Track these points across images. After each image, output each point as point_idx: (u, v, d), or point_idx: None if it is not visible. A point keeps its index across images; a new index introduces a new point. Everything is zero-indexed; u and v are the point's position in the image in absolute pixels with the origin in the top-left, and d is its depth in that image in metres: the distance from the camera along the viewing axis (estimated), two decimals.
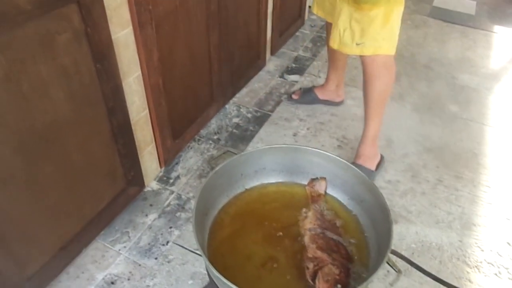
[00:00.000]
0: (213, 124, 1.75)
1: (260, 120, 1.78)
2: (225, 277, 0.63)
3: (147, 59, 1.22)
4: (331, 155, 0.88)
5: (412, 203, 1.45)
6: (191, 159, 1.58)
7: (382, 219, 0.74)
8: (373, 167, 1.50)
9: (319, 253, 0.72)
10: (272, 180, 0.90)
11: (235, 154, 0.86)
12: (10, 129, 0.87)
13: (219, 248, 0.80)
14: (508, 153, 1.69)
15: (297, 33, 2.46)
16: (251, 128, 1.74)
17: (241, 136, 1.69)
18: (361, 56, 1.33)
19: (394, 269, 0.71)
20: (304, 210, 0.84)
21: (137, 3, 1.11)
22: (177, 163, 1.56)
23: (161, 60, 1.29)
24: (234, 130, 1.72)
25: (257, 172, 0.89)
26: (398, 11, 1.24)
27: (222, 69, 1.68)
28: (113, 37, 1.07)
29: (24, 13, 0.82)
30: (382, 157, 1.54)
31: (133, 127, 1.26)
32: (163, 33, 1.26)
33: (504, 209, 1.45)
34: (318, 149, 0.87)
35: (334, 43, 1.33)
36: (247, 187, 0.90)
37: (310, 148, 0.89)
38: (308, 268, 0.72)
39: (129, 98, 1.21)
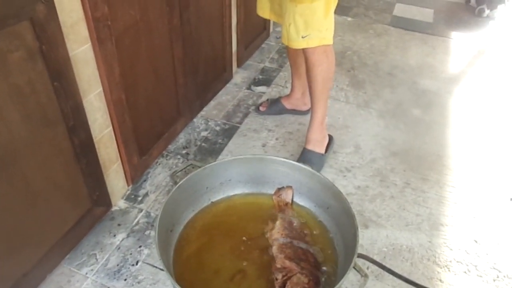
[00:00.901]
0: (181, 138, 1.73)
1: (228, 132, 1.78)
2: None
3: (108, 75, 1.20)
4: (296, 163, 0.88)
5: (381, 207, 1.47)
6: (160, 175, 1.55)
7: (348, 225, 0.74)
8: (322, 151, 1.59)
9: (287, 263, 0.71)
10: (238, 191, 0.89)
11: (199, 167, 0.84)
12: None
13: (187, 264, 0.78)
14: (470, 153, 1.74)
15: (263, 45, 2.49)
16: (220, 141, 1.73)
17: (210, 150, 1.68)
18: (303, 48, 1.39)
19: (360, 274, 0.71)
20: (271, 220, 0.83)
21: (95, 19, 1.09)
22: (145, 180, 1.52)
23: (123, 75, 1.27)
24: (203, 144, 1.71)
25: (222, 184, 0.88)
26: (335, 2, 1.35)
27: (188, 83, 1.67)
28: (70, 54, 1.04)
29: None
30: (330, 138, 1.64)
31: (96, 145, 1.23)
32: (124, 48, 1.24)
33: (470, 208, 1.49)
34: (283, 157, 0.87)
35: (284, 39, 1.40)
36: (213, 200, 0.89)
37: (275, 157, 0.89)
38: (277, 279, 0.71)
39: (90, 116, 1.18)
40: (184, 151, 1.67)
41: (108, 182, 1.33)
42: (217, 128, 1.80)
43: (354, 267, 0.67)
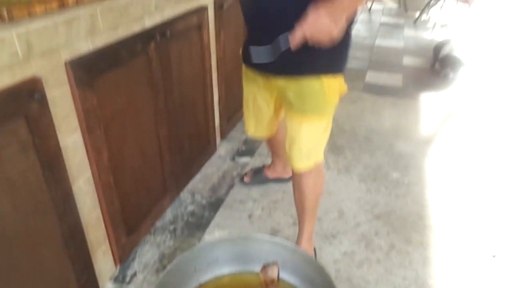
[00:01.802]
0: (168, 214, 1.75)
1: (215, 205, 1.81)
2: None
3: (97, 160, 1.25)
4: (279, 240, 0.92)
5: (369, 272, 1.48)
6: (148, 253, 1.55)
7: None
8: None
9: None
10: (226, 270, 0.92)
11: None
12: None
13: None
14: (449, 212, 1.80)
15: (243, 119, 2.60)
16: (206, 214, 1.76)
17: (198, 224, 1.70)
18: (303, 174, 1.34)
19: None
20: None
21: (85, 110, 1.16)
22: (133, 259, 1.52)
23: (111, 159, 1.32)
24: (190, 219, 1.73)
25: (210, 264, 0.91)
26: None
27: (174, 160, 1.73)
28: (61, 144, 1.10)
29: None
30: (314, 249, 1.53)
31: (84, 229, 1.25)
32: (112, 133, 1.31)
33: (454, 267, 1.52)
34: (266, 235, 0.91)
35: (294, 162, 1.33)
36: (201, 281, 0.90)
37: (259, 236, 0.93)
38: None
39: (80, 200, 1.21)
40: (171, 227, 1.68)
41: (95, 264, 1.33)
42: (203, 201, 1.84)
43: None
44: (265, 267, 0.92)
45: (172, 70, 1.60)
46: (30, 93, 0.97)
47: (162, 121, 1.60)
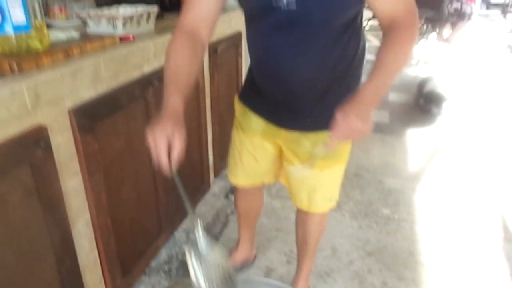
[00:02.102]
0: (163, 253, 1.76)
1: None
2: None
3: (96, 203, 1.27)
4: (276, 283, 0.96)
5: None
6: None
7: None
8: None
9: None
10: None
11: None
12: None
13: None
14: (439, 248, 1.84)
15: None
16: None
17: None
18: (311, 213, 1.35)
19: None
20: None
21: (86, 154, 1.20)
22: None
23: (110, 201, 1.35)
24: (184, 258, 1.74)
25: None
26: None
27: (169, 199, 1.76)
28: (62, 188, 1.13)
29: None
30: None
31: (82, 272, 1.26)
32: (110, 176, 1.34)
33: None
34: (263, 278, 0.95)
35: (302, 205, 1.33)
36: None
37: (257, 279, 0.96)
38: None
39: (78, 243, 1.23)
40: (166, 267, 1.69)
41: None
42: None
43: None
44: None
45: None
46: (36, 141, 1.01)
47: None
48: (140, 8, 1.56)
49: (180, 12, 1.06)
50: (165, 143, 0.88)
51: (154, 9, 1.59)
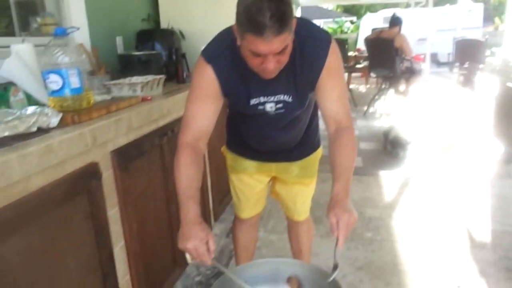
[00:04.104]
0: (179, 285, 1.96)
1: (219, 274, 2.04)
2: None
3: (129, 231, 1.53)
4: (293, 261, 1.24)
5: None
6: None
7: None
8: None
9: None
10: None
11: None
12: None
13: None
14: (418, 257, 2.13)
15: (231, 202, 2.93)
16: (213, 282, 1.98)
17: None
18: (301, 221, 1.71)
19: None
20: None
21: (122, 188, 1.48)
22: None
23: (138, 231, 1.60)
24: (199, 287, 1.95)
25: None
26: None
27: None
28: (107, 214, 1.39)
29: (54, 201, 1.15)
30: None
31: None
32: (138, 209, 1.61)
33: None
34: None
35: (294, 216, 1.69)
36: None
37: (280, 259, 1.24)
38: None
39: (116, 266, 1.46)
40: None
41: None
42: (208, 272, 2.07)
43: None
44: (289, 279, 1.20)
45: None
46: (92, 174, 1.30)
47: (172, 201, 1.91)
48: (150, 77, 1.94)
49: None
50: (205, 247, 1.10)
51: (162, 76, 1.97)
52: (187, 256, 1.14)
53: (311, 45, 1.18)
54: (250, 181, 1.63)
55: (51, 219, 1.13)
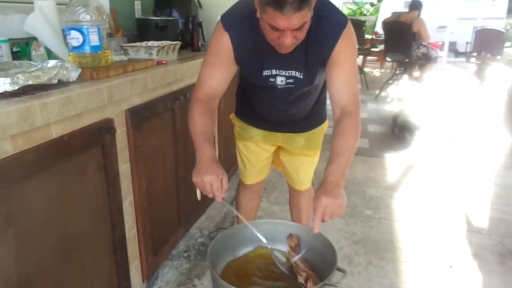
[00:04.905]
0: (182, 245, 2.06)
1: None
2: None
3: (138, 187, 1.60)
4: (293, 223, 1.32)
5: (353, 281, 1.82)
6: (168, 274, 1.84)
7: (329, 252, 1.15)
8: None
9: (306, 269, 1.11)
10: (253, 247, 1.27)
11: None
12: (52, 234, 1.17)
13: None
14: (414, 236, 2.19)
15: (237, 171, 3.00)
16: None
17: None
18: (303, 191, 1.77)
19: (340, 270, 1.13)
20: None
21: (134, 146, 1.55)
22: (156, 279, 1.80)
23: (147, 188, 1.68)
24: (201, 248, 2.05)
25: (241, 242, 1.26)
26: None
27: (187, 199, 2.08)
28: (119, 169, 1.47)
29: (72, 150, 1.22)
30: None
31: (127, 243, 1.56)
32: (148, 167, 1.68)
33: (420, 275, 1.87)
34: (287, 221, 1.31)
35: (297, 186, 1.74)
36: (236, 255, 1.25)
37: (280, 221, 1.32)
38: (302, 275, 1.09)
39: (124, 218, 1.54)
40: (185, 254, 1.99)
41: (131, 277, 1.62)
42: (211, 235, 2.16)
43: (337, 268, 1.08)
44: (290, 235, 1.28)
45: (188, 123, 2.03)
46: (107, 129, 1.36)
47: (180, 164, 1.98)
48: (166, 42, 1.98)
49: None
50: (220, 183, 1.17)
51: (178, 42, 2.01)
52: (198, 192, 1.22)
53: (325, 26, 1.21)
54: (256, 149, 1.68)
55: (68, 166, 1.21)
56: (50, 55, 1.60)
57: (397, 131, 4.08)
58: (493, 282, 1.84)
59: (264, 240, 1.23)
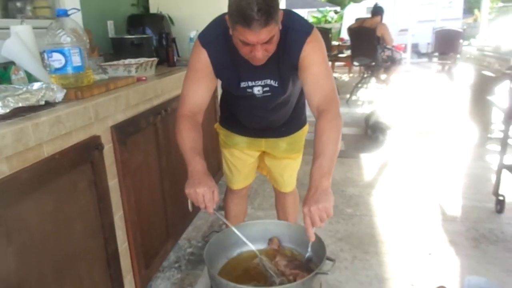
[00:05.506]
0: (172, 256, 2.09)
1: None
2: None
3: (127, 201, 1.64)
4: (281, 221, 1.39)
5: (340, 275, 1.90)
6: (161, 285, 1.87)
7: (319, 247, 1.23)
8: None
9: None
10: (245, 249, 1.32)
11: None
12: (49, 251, 1.20)
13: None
14: (394, 229, 2.30)
15: (220, 182, 3.05)
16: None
17: (198, 260, 2.05)
18: (288, 193, 1.85)
19: (330, 259, 1.22)
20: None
21: (121, 161, 1.59)
22: None
23: (136, 202, 1.71)
24: (191, 257, 2.08)
25: (234, 243, 1.32)
26: None
27: (174, 211, 2.12)
28: (108, 184, 1.50)
29: (63, 168, 1.25)
30: None
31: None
32: (135, 181, 1.72)
33: (402, 264, 1.97)
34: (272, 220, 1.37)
35: (282, 188, 1.82)
36: (229, 257, 1.31)
37: (266, 221, 1.38)
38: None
39: (116, 232, 1.57)
40: (176, 265, 2.02)
41: None
42: (199, 244, 2.20)
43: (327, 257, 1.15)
44: (270, 239, 1.34)
45: (170, 136, 2.08)
46: (95, 145, 1.40)
47: (165, 177, 2.03)
48: (143, 59, 2.03)
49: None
50: (211, 195, 1.25)
51: (155, 59, 2.07)
52: (189, 203, 1.28)
53: (292, 36, 1.30)
54: (242, 155, 1.75)
55: (61, 184, 1.24)
56: (30, 78, 1.63)
57: (370, 132, 4.24)
58: (469, 265, 1.96)
59: (253, 248, 1.29)
